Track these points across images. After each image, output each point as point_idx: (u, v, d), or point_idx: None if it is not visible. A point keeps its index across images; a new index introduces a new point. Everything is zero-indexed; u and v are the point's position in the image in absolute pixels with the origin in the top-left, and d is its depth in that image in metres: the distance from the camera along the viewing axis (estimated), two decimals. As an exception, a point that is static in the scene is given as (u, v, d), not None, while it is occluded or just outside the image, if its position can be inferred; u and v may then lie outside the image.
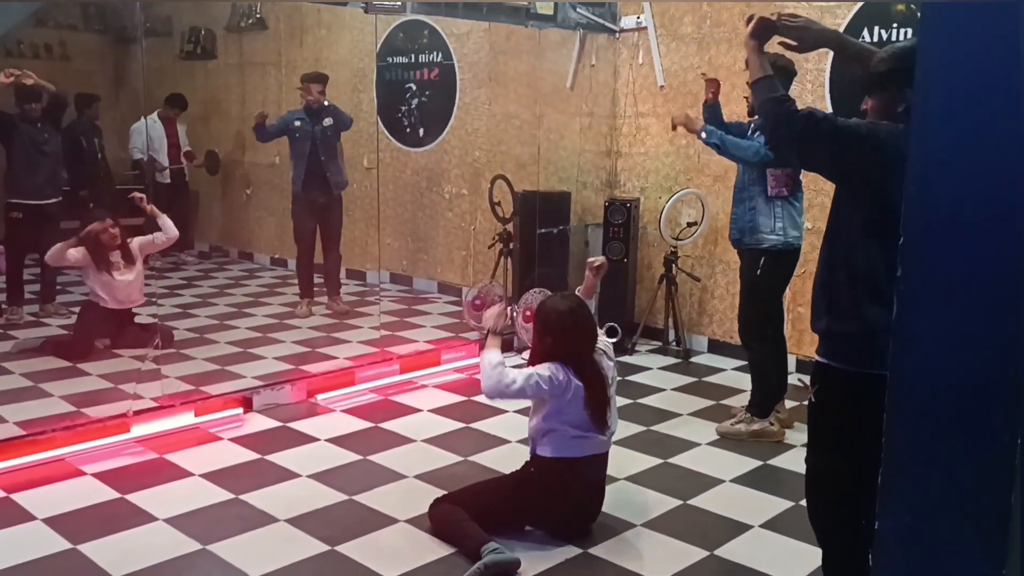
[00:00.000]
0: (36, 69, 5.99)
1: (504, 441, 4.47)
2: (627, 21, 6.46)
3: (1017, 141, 1.43)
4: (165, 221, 5.72)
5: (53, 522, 3.52)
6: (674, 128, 4.98)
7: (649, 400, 5.18)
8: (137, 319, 5.93)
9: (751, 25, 2.67)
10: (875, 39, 5.16)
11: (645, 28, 6.34)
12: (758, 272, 4.47)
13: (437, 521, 3.44)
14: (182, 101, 8.65)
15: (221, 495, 3.80)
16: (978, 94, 1.47)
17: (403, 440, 4.48)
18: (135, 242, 5.80)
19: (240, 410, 4.75)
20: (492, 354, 3.41)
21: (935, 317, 1.56)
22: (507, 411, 4.91)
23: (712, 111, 4.77)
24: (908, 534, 1.62)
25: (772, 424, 4.56)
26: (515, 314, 6.14)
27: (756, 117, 4.41)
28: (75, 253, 5.58)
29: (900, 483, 1.64)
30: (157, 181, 8.18)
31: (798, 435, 4.63)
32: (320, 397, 5.05)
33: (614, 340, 6.13)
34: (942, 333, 1.55)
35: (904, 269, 1.59)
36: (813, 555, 3.36)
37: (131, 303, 5.85)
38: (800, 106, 2.56)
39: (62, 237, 5.73)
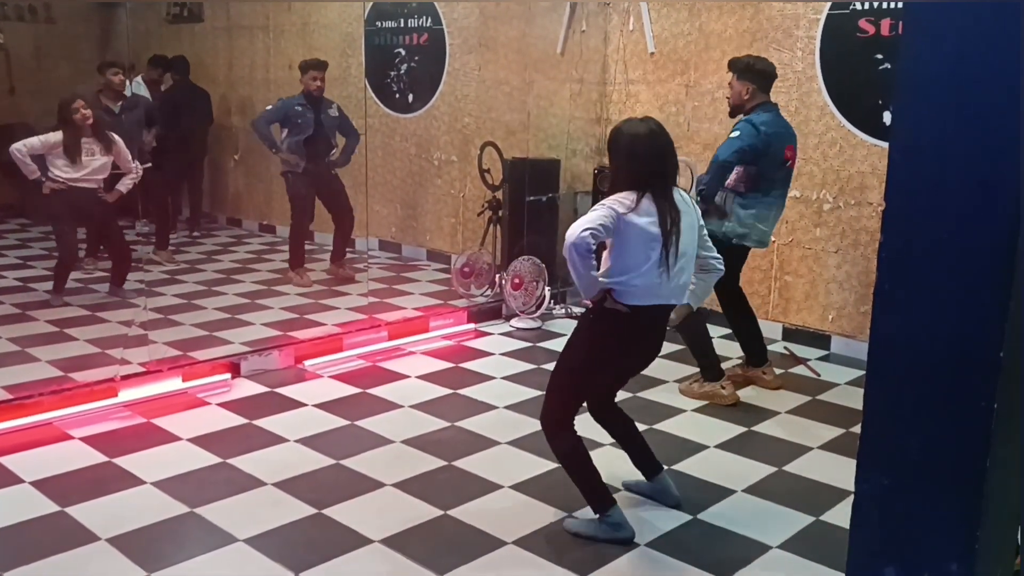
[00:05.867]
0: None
1: (491, 407, 4.50)
2: (618, -13, 6.41)
3: (999, 109, 1.43)
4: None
5: (41, 485, 3.53)
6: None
7: (636, 367, 5.20)
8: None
9: None
10: (865, 6, 5.13)
11: (636, -6, 6.29)
12: None
13: (563, 454, 3.29)
14: (166, 62, 8.52)
15: (209, 459, 3.82)
16: (965, 73, 1.47)
17: (390, 406, 4.50)
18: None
19: (228, 375, 4.75)
20: None
21: (916, 283, 1.57)
22: (495, 378, 4.94)
23: None
24: (886, 497, 1.65)
25: (723, 388, 4.62)
26: (504, 282, 6.15)
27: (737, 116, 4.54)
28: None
29: (879, 447, 1.66)
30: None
31: (783, 401, 4.67)
32: (308, 363, 5.05)
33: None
34: (923, 299, 1.57)
35: (887, 236, 1.60)
36: (795, 519, 3.42)
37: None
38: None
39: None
